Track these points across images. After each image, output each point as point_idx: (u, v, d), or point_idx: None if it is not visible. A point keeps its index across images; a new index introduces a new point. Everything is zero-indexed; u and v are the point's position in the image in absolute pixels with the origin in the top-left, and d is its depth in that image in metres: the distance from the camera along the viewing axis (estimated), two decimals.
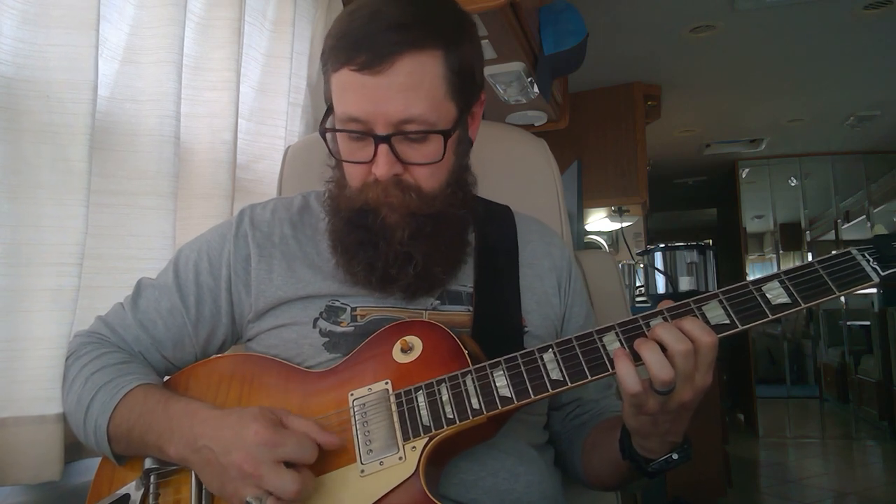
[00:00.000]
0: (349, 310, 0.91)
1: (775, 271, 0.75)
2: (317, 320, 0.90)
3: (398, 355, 0.83)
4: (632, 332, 0.75)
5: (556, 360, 0.76)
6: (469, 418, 0.76)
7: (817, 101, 4.10)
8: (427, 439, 0.77)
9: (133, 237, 1.08)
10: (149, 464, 0.82)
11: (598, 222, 4.16)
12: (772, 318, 0.73)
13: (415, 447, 0.77)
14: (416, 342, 0.84)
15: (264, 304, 0.93)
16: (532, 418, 0.96)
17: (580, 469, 0.96)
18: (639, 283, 3.95)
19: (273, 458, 0.71)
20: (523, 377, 0.77)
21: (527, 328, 0.95)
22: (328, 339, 0.89)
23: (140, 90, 1.09)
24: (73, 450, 0.95)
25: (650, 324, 0.75)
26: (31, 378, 0.90)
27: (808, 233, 6.02)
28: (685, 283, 3.41)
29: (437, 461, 0.79)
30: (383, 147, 0.82)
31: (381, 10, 0.81)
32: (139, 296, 0.96)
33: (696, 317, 0.74)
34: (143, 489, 0.82)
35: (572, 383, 0.75)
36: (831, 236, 6.06)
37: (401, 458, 0.76)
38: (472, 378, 0.78)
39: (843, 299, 5.77)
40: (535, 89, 1.96)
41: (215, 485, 0.75)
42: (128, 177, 1.08)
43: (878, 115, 4.31)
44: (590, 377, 0.75)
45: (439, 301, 0.93)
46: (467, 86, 0.87)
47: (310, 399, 0.84)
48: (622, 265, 3.87)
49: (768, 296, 0.74)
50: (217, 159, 1.24)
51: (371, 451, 0.77)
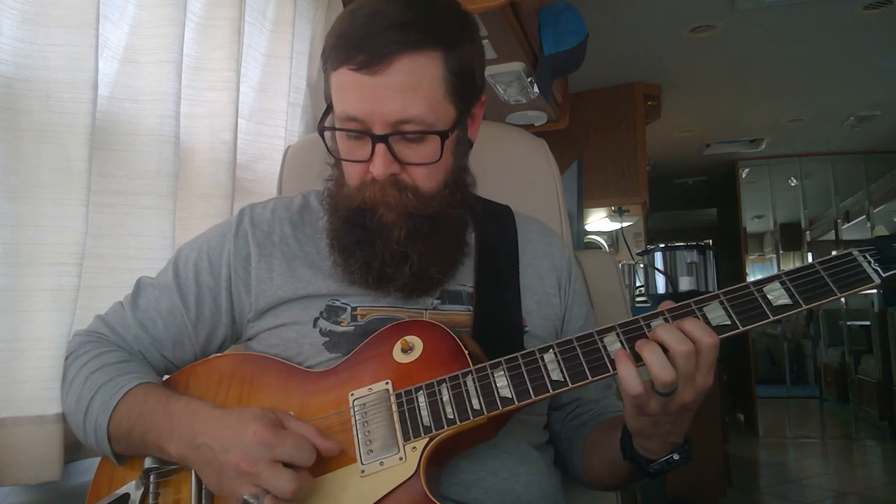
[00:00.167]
0: (349, 309, 0.91)
1: (776, 272, 0.75)
2: (317, 320, 0.90)
3: (398, 355, 0.83)
4: (633, 333, 0.75)
5: (557, 361, 0.76)
6: (470, 418, 0.76)
7: (817, 101, 4.09)
8: (427, 439, 0.77)
9: (133, 237, 1.08)
10: (148, 463, 0.82)
11: (598, 222, 4.16)
12: (773, 319, 0.73)
13: (415, 447, 0.76)
14: (416, 342, 0.84)
15: (264, 304, 0.93)
16: (532, 418, 0.96)
17: (580, 469, 0.96)
18: (639, 283, 3.95)
19: (271, 458, 0.71)
20: (524, 377, 0.77)
21: (527, 328, 0.95)
22: (328, 339, 0.89)
23: (140, 90, 1.09)
24: (73, 450, 0.95)
25: (651, 324, 0.75)
26: (30, 378, 0.90)
27: (808, 233, 6.01)
28: (685, 284, 3.41)
29: (438, 461, 0.79)
30: (381, 147, 0.82)
31: (381, 10, 0.81)
32: (139, 295, 0.96)
33: (697, 318, 0.74)
34: (143, 488, 0.81)
35: (573, 384, 0.75)
36: (831, 236, 6.05)
37: (401, 459, 0.76)
38: (473, 378, 0.78)
39: (843, 300, 5.75)
40: (535, 89, 1.95)
41: (214, 483, 0.75)
42: (128, 177, 1.08)
43: (878, 115, 4.31)
44: (590, 378, 0.75)
45: (439, 300, 0.93)
46: (467, 87, 0.87)
47: (310, 399, 0.84)
48: (622, 265, 3.87)
49: (769, 297, 0.74)
50: (217, 159, 1.24)
51: (371, 451, 0.77)
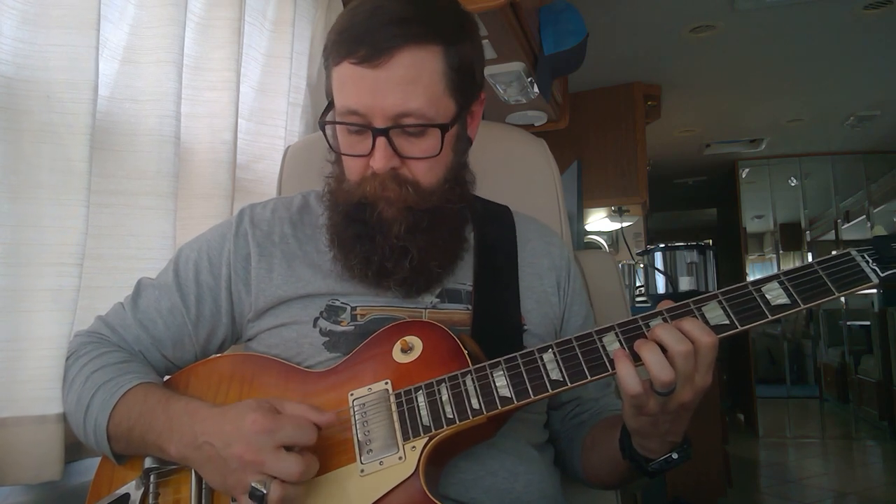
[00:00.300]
0: (349, 309, 0.91)
1: (775, 272, 0.76)
2: (317, 320, 0.90)
3: (398, 355, 0.83)
4: (631, 333, 0.75)
5: (556, 361, 0.77)
6: (469, 418, 0.76)
7: (817, 101, 4.09)
8: (427, 439, 0.77)
9: (133, 237, 1.08)
10: (148, 463, 0.82)
11: (598, 222, 4.16)
12: (771, 318, 0.73)
13: (414, 447, 0.77)
14: (416, 342, 0.84)
15: (264, 303, 0.93)
16: (532, 417, 0.96)
17: (580, 468, 0.96)
18: (639, 283, 3.95)
19: (273, 444, 0.71)
20: (523, 377, 0.77)
21: (526, 327, 0.95)
22: (328, 339, 0.89)
23: (140, 90, 1.09)
24: (74, 450, 0.95)
25: (650, 324, 0.75)
26: (31, 378, 0.90)
27: (808, 233, 6.01)
28: (685, 284, 3.41)
29: (437, 461, 0.79)
30: (381, 140, 0.83)
31: (382, 6, 0.82)
32: (139, 295, 0.96)
33: (695, 317, 0.74)
34: (143, 488, 0.81)
35: (572, 383, 0.75)
36: (831, 236, 6.05)
37: (400, 458, 0.76)
38: (472, 378, 0.78)
39: (843, 299, 5.78)
40: (535, 89, 1.95)
41: (218, 480, 0.75)
42: (128, 177, 1.08)
43: (878, 115, 4.31)
44: (589, 377, 0.75)
45: (439, 299, 0.93)
46: (466, 83, 0.87)
47: (310, 399, 0.84)
48: (622, 265, 3.87)
49: (768, 296, 0.74)
50: (217, 159, 1.24)
51: (371, 450, 0.77)
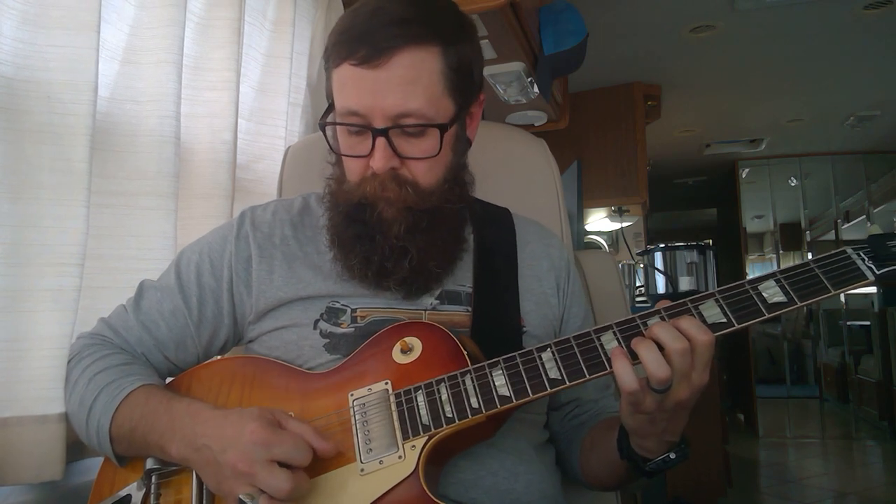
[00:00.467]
0: (349, 311, 0.91)
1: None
2: (317, 322, 0.91)
3: (398, 356, 0.84)
4: (629, 332, 0.76)
5: (555, 360, 0.77)
6: (468, 417, 0.77)
7: (817, 101, 4.09)
8: (426, 438, 0.77)
9: (133, 237, 1.08)
10: (150, 464, 0.82)
11: (598, 222, 4.16)
12: (768, 316, 0.74)
13: (414, 446, 0.77)
14: (415, 343, 0.84)
15: (265, 305, 0.93)
16: (532, 417, 0.96)
17: (578, 469, 0.97)
18: (639, 283, 3.94)
19: (267, 458, 0.71)
20: (522, 376, 0.77)
21: (525, 328, 0.95)
22: (329, 341, 0.89)
23: (140, 91, 1.10)
24: (75, 449, 0.95)
25: (647, 323, 0.75)
26: (32, 378, 0.91)
27: (808, 233, 6.01)
28: (685, 283, 3.41)
29: (437, 460, 0.80)
30: (381, 140, 0.83)
31: (382, 7, 0.83)
32: (141, 297, 0.96)
33: (692, 316, 0.74)
34: (145, 489, 0.82)
35: (570, 382, 0.76)
36: (831, 236, 6.05)
37: (400, 457, 0.77)
38: (472, 378, 0.79)
39: (843, 299, 5.78)
40: (535, 89, 1.96)
41: (213, 483, 0.76)
42: (128, 177, 1.08)
43: (878, 115, 4.31)
44: (588, 376, 0.75)
45: (438, 301, 0.93)
46: (465, 84, 0.88)
47: (310, 400, 0.84)
48: (622, 265, 3.87)
49: (764, 295, 0.74)
50: (217, 159, 1.24)
51: (371, 450, 0.78)
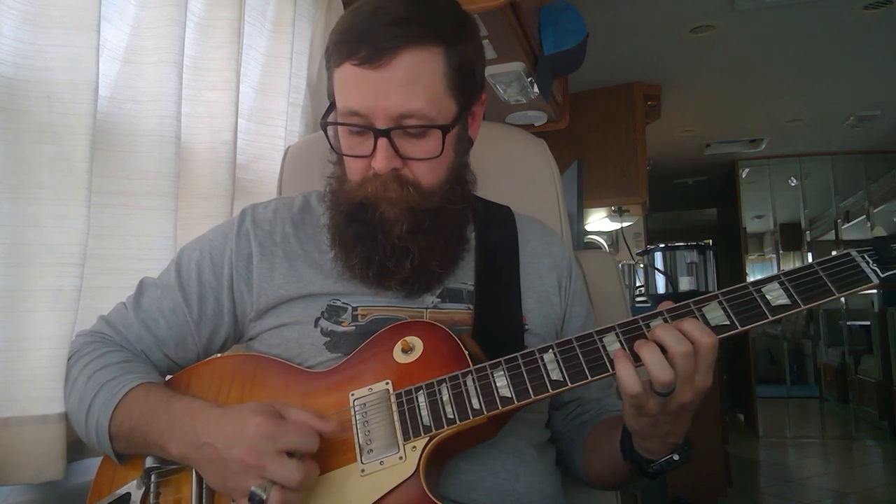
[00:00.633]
0: (350, 309, 0.91)
1: (775, 272, 0.76)
2: (318, 320, 0.90)
3: (399, 355, 0.83)
4: (632, 333, 0.75)
5: (557, 361, 0.77)
6: (469, 418, 0.77)
7: (817, 101, 4.09)
8: (427, 439, 0.77)
9: (134, 237, 1.08)
10: (150, 462, 0.82)
11: (598, 222, 4.16)
12: (771, 319, 0.73)
13: (415, 447, 0.77)
14: (416, 342, 0.84)
15: (266, 303, 0.93)
16: (533, 416, 0.96)
17: (581, 468, 0.96)
18: (639, 283, 3.95)
19: (275, 449, 0.71)
20: (523, 377, 0.77)
21: (527, 327, 0.95)
22: (329, 339, 0.89)
23: (141, 90, 1.09)
24: (75, 449, 0.95)
25: (650, 325, 0.75)
26: (32, 378, 0.90)
27: (808, 233, 6.01)
28: (685, 284, 3.41)
29: (438, 461, 0.80)
30: (382, 141, 0.83)
31: (383, 7, 0.83)
32: (141, 295, 0.96)
33: (695, 318, 0.74)
34: (144, 488, 0.82)
35: (572, 384, 0.75)
36: (831, 236, 6.05)
37: (401, 458, 0.76)
38: (473, 378, 0.78)
39: (843, 300, 5.77)
40: (535, 89, 1.95)
41: (218, 481, 0.75)
42: (128, 177, 1.08)
43: (878, 115, 4.31)
44: (590, 377, 0.75)
45: (440, 299, 0.93)
46: (467, 84, 0.88)
47: (311, 399, 0.84)
48: (622, 265, 3.87)
49: (768, 297, 0.74)
50: (217, 159, 1.24)
51: (371, 450, 0.78)
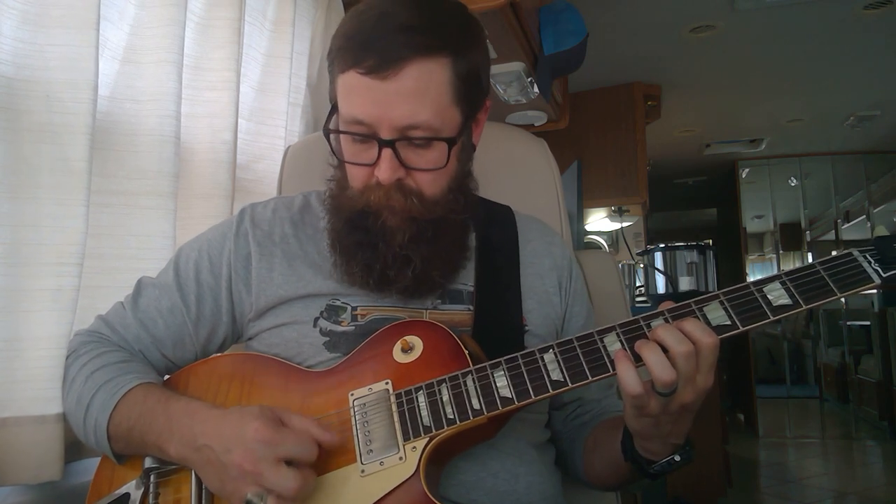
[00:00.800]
0: (350, 309, 0.91)
1: (776, 272, 0.75)
2: (317, 319, 0.90)
3: (398, 355, 0.83)
4: (633, 333, 0.75)
5: (557, 361, 0.76)
6: (470, 418, 0.76)
7: (817, 101, 4.09)
8: (427, 439, 0.77)
9: (133, 237, 1.08)
10: (149, 463, 0.82)
11: (598, 222, 4.16)
12: (773, 319, 0.73)
13: (415, 447, 0.77)
14: (416, 342, 0.84)
15: (265, 303, 0.93)
16: (533, 416, 0.96)
17: (581, 469, 0.96)
18: (639, 283, 3.95)
19: (273, 456, 0.71)
20: (524, 377, 0.77)
21: (527, 327, 0.95)
22: (328, 339, 0.89)
23: (140, 90, 1.09)
24: (74, 450, 0.95)
25: (651, 324, 0.75)
26: (31, 378, 0.90)
27: (808, 233, 6.02)
28: (685, 284, 3.41)
29: (438, 461, 0.79)
30: (387, 151, 0.82)
31: (389, 13, 0.81)
32: (139, 295, 0.96)
33: (697, 318, 0.74)
34: (143, 488, 0.81)
35: (573, 384, 0.75)
36: (831, 236, 6.06)
37: (401, 459, 0.76)
38: (473, 378, 0.78)
39: (843, 300, 5.77)
40: (535, 89, 1.95)
41: (216, 484, 0.75)
42: (128, 177, 1.08)
43: (878, 115, 4.31)
44: (591, 378, 0.75)
45: (440, 300, 0.93)
46: (473, 92, 0.87)
47: (310, 398, 0.84)
48: (622, 265, 3.87)
49: (769, 297, 0.74)
50: (217, 159, 1.24)
51: (371, 451, 0.77)
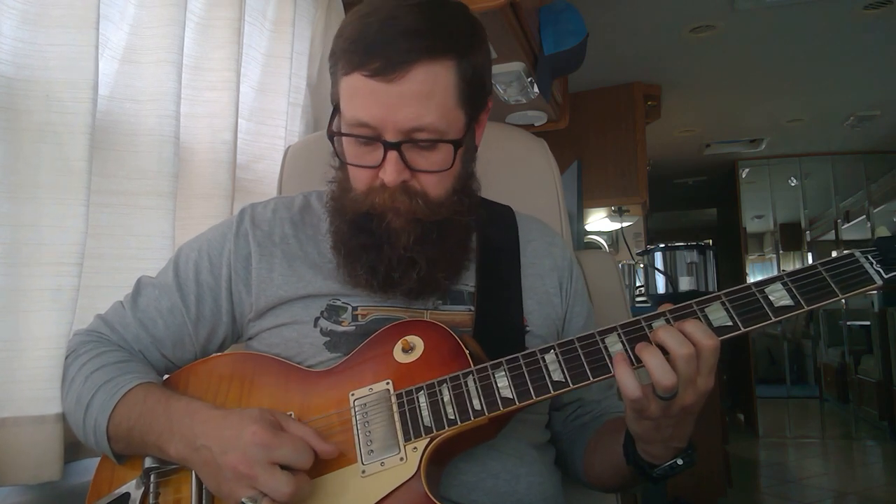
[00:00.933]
0: (350, 309, 0.90)
1: (776, 272, 0.75)
2: (318, 319, 0.90)
3: (399, 355, 0.83)
4: (634, 334, 0.75)
5: (558, 361, 0.76)
6: (471, 419, 0.76)
7: (817, 101, 4.10)
8: (428, 440, 0.76)
9: (133, 237, 1.08)
10: (149, 463, 0.82)
11: (598, 222, 4.16)
12: (775, 320, 0.73)
13: (416, 448, 0.76)
14: (417, 342, 0.83)
15: (265, 303, 0.93)
16: (533, 417, 0.96)
17: (581, 470, 0.96)
18: (639, 283, 3.94)
19: (268, 460, 0.71)
20: (525, 378, 0.77)
21: (528, 328, 0.95)
22: (329, 339, 0.89)
23: (140, 90, 1.09)
24: (73, 450, 0.95)
25: (652, 325, 0.74)
26: (30, 378, 0.90)
27: (808, 233, 6.01)
28: (685, 284, 3.41)
29: (439, 461, 0.79)
30: (392, 154, 0.82)
31: (394, 16, 0.80)
32: (139, 294, 0.95)
33: (698, 319, 0.73)
34: (143, 488, 0.81)
35: (574, 384, 0.75)
36: (831, 236, 6.05)
37: (402, 459, 0.76)
38: (474, 378, 0.78)
39: (843, 300, 5.77)
40: (535, 89, 1.95)
41: (213, 484, 0.75)
42: (128, 177, 1.08)
43: (878, 115, 4.31)
44: (592, 378, 0.75)
45: (441, 301, 0.93)
46: (477, 94, 0.87)
47: (310, 398, 0.83)
48: (622, 265, 3.86)
49: (771, 298, 0.74)
50: (217, 159, 1.24)
51: (372, 451, 0.77)
